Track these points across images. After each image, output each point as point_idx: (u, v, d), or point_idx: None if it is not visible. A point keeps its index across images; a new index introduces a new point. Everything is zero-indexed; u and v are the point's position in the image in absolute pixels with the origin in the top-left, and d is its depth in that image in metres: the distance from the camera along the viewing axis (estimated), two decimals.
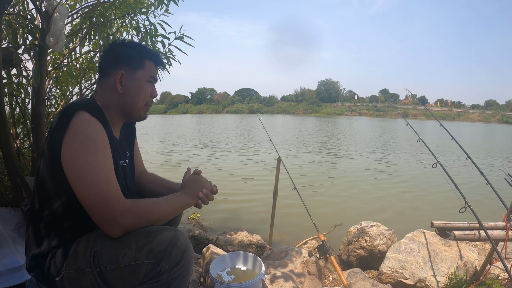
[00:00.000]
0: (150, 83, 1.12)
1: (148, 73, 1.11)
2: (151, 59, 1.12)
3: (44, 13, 1.75)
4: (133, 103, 1.09)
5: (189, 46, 2.37)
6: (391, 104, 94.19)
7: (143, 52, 1.11)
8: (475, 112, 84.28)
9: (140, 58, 1.09)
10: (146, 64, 1.10)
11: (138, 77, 1.08)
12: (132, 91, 1.08)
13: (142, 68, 1.09)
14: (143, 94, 1.10)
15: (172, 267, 0.92)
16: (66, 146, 0.90)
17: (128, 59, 1.08)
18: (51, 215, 0.96)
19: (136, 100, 1.09)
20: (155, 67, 1.14)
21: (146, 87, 1.10)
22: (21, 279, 1.55)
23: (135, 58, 1.09)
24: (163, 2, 2.27)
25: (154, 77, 1.13)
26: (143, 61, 1.09)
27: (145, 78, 1.10)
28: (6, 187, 2.16)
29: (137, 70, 1.08)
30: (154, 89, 1.15)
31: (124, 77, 1.07)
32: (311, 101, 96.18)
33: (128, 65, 1.07)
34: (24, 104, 2.19)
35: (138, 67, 1.08)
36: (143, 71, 1.09)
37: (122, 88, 1.07)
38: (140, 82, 1.09)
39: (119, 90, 1.06)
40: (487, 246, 2.61)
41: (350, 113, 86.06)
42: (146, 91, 1.10)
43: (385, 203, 4.85)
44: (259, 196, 4.96)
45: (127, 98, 1.08)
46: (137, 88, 1.08)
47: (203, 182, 1.13)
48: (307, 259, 2.13)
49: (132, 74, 1.08)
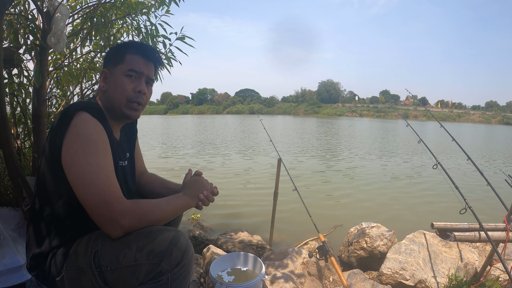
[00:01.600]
0: (129, 77, 1.05)
1: (127, 66, 1.05)
2: (133, 53, 1.06)
3: (45, 13, 1.75)
4: (113, 99, 1.05)
5: (190, 46, 2.38)
6: (392, 105, 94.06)
7: (124, 46, 1.08)
8: (476, 113, 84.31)
9: (120, 53, 1.07)
10: (126, 58, 1.06)
11: (116, 72, 1.05)
12: (111, 87, 1.06)
13: (121, 62, 1.05)
14: (120, 89, 1.04)
15: (172, 268, 0.92)
16: (66, 146, 0.90)
17: (110, 56, 1.08)
18: (52, 215, 0.96)
19: (114, 96, 1.05)
20: (141, 60, 1.07)
21: (123, 81, 1.04)
22: (22, 279, 1.55)
23: (115, 54, 1.08)
24: (164, 2, 2.27)
25: (135, 69, 1.05)
26: (123, 55, 1.06)
27: (122, 72, 1.05)
28: (7, 187, 2.17)
29: (117, 66, 1.06)
30: (139, 83, 1.06)
31: (107, 75, 1.07)
32: (311, 102, 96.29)
33: (110, 63, 1.07)
34: (25, 104, 2.19)
35: (117, 63, 1.06)
36: (121, 65, 1.05)
37: (104, 86, 1.07)
38: (117, 77, 1.05)
39: (102, 88, 1.07)
40: (488, 247, 2.61)
41: (351, 114, 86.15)
42: (123, 85, 1.04)
43: (385, 204, 4.84)
44: (259, 196, 4.96)
45: (108, 95, 1.06)
46: (115, 83, 1.05)
47: (204, 184, 1.12)
48: (307, 259, 2.12)
49: (112, 70, 1.06)
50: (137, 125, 1.34)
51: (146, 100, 1.11)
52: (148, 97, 1.12)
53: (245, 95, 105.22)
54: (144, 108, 1.14)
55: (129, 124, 1.27)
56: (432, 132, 24.05)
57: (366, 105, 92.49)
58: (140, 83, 1.07)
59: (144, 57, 1.08)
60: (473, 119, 79.15)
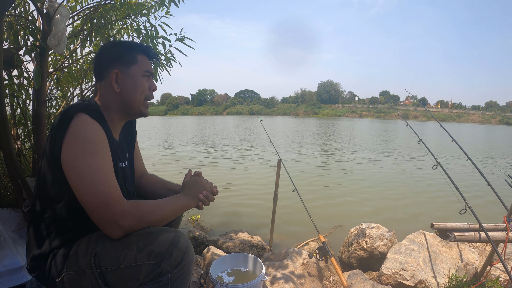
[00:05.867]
0: (146, 77, 1.10)
1: (143, 67, 1.09)
2: (142, 53, 1.11)
3: (45, 15, 1.76)
4: (131, 100, 1.08)
5: (190, 48, 2.38)
6: (392, 105, 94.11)
7: (133, 47, 1.10)
8: (476, 113, 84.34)
9: (131, 53, 1.08)
10: (139, 59, 1.09)
11: (132, 73, 1.07)
12: (129, 88, 1.07)
13: (135, 63, 1.08)
14: (140, 89, 1.08)
15: (172, 268, 0.92)
16: (65, 148, 0.90)
17: (119, 57, 1.08)
18: (52, 216, 0.96)
19: (134, 96, 1.08)
20: (148, 61, 1.12)
21: (142, 82, 1.09)
22: (22, 280, 1.55)
23: (126, 54, 1.08)
24: (164, 3, 2.28)
25: (149, 70, 1.11)
26: (134, 56, 1.08)
27: (140, 72, 1.08)
28: (7, 188, 2.17)
29: (131, 66, 1.07)
30: (152, 82, 1.13)
31: (119, 76, 1.07)
32: (311, 103, 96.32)
33: (121, 63, 1.07)
34: (25, 105, 2.20)
35: (131, 63, 1.07)
36: (136, 66, 1.08)
37: (119, 87, 1.07)
38: (136, 78, 1.08)
39: (116, 89, 1.06)
40: (488, 247, 2.61)
41: (351, 114, 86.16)
42: (143, 85, 1.09)
43: (385, 204, 4.85)
44: (259, 197, 4.96)
45: (125, 95, 1.07)
46: (134, 84, 1.07)
47: (203, 184, 1.13)
48: (307, 260, 2.12)
49: (127, 71, 1.07)
50: (136, 126, 1.34)
51: None
52: None
53: (245, 96, 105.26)
54: None
55: (128, 125, 1.27)
56: (432, 132, 24.05)
57: (366, 106, 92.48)
58: (153, 82, 1.14)
59: (148, 57, 1.13)
60: (473, 119, 79.16)
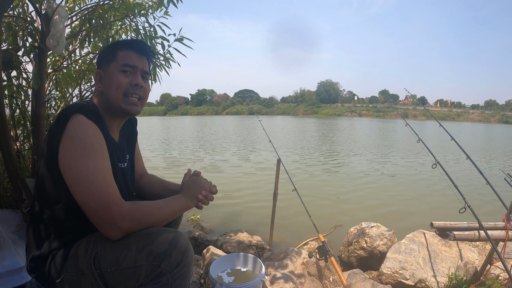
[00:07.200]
0: (124, 72, 1.06)
1: (121, 62, 1.06)
2: (125, 49, 1.08)
3: (44, 16, 1.76)
4: (109, 96, 1.05)
5: (189, 48, 2.38)
6: (391, 104, 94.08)
7: (116, 44, 1.10)
8: (475, 112, 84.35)
9: (112, 51, 1.08)
10: (119, 55, 1.07)
11: (110, 69, 1.06)
12: (106, 85, 1.06)
13: (115, 60, 1.06)
14: (115, 84, 1.04)
15: (172, 269, 0.92)
16: (63, 149, 0.90)
17: (103, 57, 1.09)
18: (51, 217, 0.96)
19: (110, 93, 1.05)
20: (134, 55, 1.08)
21: (118, 76, 1.05)
22: (22, 281, 1.55)
23: (107, 53, 1.09)
24: (162, 4, 2.27)
25: (128, 64, 1.06)
26: (115, 53, 1.07)
27: (117, 68, 1.05)
28: (6, 189, 2.17)
29: (110, 64, 1.07)
30: (134, 77, 1.07)
31: (102, 75, 1.08)
32: (311, 102, 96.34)
33: (103, 63, 1.08)
34: (24, 106, 2.19)
35: (110, 61, 1.07)
36: (115, 62, 1.06)
37: (100, 86, 1.07)
38: (112, 74, 1.05)
39: (98, 88, 1.07)
40: (487, 246, 2.61)
41: (350, 113, 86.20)
42: (118, 80, 1.04)
43: (385, 203, 4.84)
44: (259, 197, 4.96)
45: (105, 94, 1.07)
46: (109, 80, 1.05)
47: (202, 184, 1.13)
48: (307, 260, 2.12)
49: (107, 69, 1.07)
50: (137, 127, 1.34)
51: (145, 94, 1.11)
52: (146, 91, 1.12)
53: (244, 95, 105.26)
54: (144, 104, 1.13)
55: (128, 125, 1.27)
56: (431, 131, 24.07)
57: (365, 105, 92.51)
58: (136, 76, 1.07)
59: (136, 52, 1.09)
60: (472, 118, 79.19)
